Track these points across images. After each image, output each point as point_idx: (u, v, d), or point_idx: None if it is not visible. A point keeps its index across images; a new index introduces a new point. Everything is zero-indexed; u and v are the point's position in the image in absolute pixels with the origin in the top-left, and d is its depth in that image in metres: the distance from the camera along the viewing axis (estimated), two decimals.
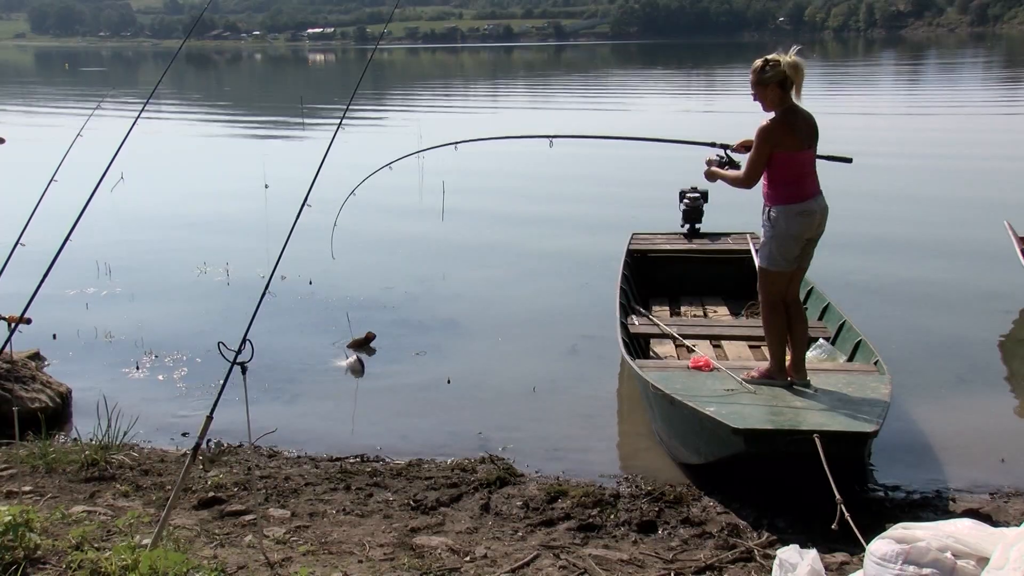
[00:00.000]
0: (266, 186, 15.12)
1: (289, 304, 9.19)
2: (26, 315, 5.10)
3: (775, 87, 5.18)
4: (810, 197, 5.28)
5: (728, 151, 5.80)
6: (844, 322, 6.70)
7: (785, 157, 5.20)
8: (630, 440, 6.31)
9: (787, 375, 5.45)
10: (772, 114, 5.25)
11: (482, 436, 6.24)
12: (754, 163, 5.26)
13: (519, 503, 4.95)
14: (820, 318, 7.04)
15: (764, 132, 5.21)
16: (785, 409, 5.09)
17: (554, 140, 6.97)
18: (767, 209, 5.32)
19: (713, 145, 5.85)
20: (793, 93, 5.21)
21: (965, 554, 3.03)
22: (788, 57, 5.17)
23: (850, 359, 6.24)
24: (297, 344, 8.12)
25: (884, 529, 3.24)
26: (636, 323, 7.12)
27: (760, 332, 6.84)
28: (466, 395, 7.07)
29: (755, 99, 5.31)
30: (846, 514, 3.99)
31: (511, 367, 7.60)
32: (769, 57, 5.21)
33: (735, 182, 5.50)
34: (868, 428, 4.70)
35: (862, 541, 3.57)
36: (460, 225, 12.89)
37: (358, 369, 7.36)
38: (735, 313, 8.02)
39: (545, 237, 12.27)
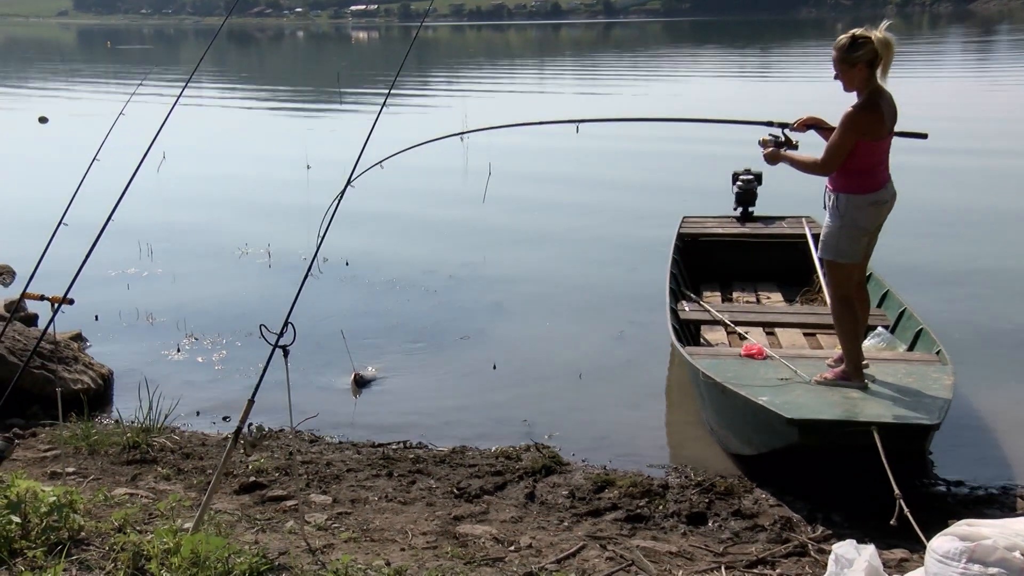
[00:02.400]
0: (308, 167, 15.23)
1: (332, 287, 9.26)
2: (68, 295, 5.17)
3: (863, 67, 4.88)
4: (882, 186, 5.06)
5: (785, 130, 5.57)
6: (904, 310, 6.58)
7: (868, 146, 4.95)
8: (679, 429, 6.28)
9: (863, 377, 5.21)
10: (854, 95, 4.99)
11: (527, 423, 6.24)
12: (837, 149, 4.96)
13: (565, 492, 4.95)
14: (879, 305, 6.92)
15: (853, 119, 4.92)
16: (842, 399, 5.02)
17: (589, 124, 6.53)
18: (834, 197, 5.08)
19: (770, 124, 5.63)
20: (879, 73, 4.93)
21: None
22: (879, 33, 4.87)
23: (910, 348, 6.13)
24: (340, 327, 8.16)
25: (946, 526, 3.19)
26: (687, 309, 7.08)
27: (815, 319, 6.82)
28: (511, 381, 7.07)
29: (836, 78, 5.00)
30: (905, 509, 3.92)
31: (557, 353, 7.59)
32: (857, 33, 4.90)
33: (811, 168, 5.17)
34: (929, 420, 4.62)
35: (922, 538, 3.52)
36: (505, 207, 12.86)
37: (356, 391, 7.10)
38: (789, 300, 7.93)
39: (593, 220, 12.22)
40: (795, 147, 5.44)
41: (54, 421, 5.72)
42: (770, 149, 5.45)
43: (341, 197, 4.60)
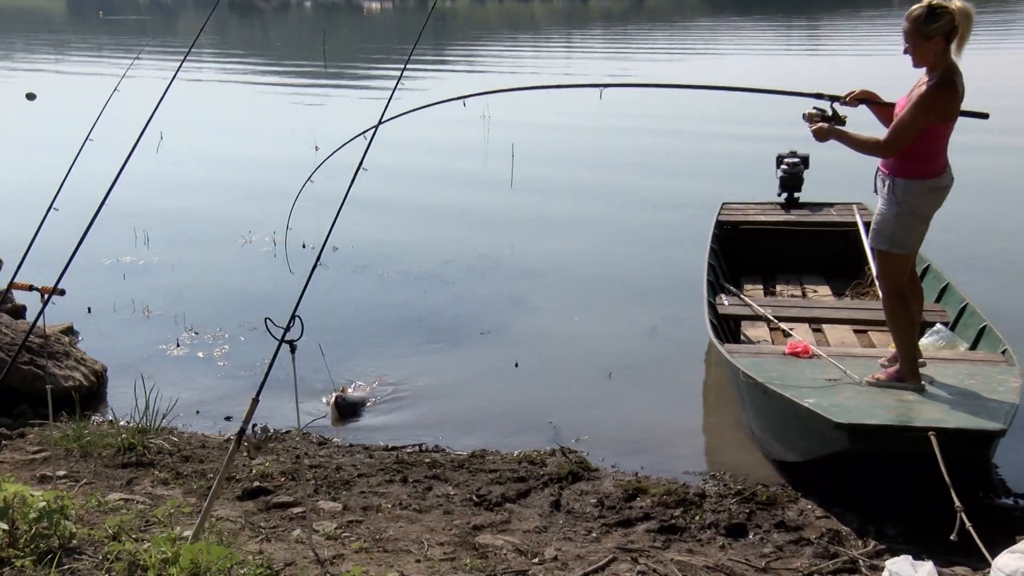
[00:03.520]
0: (316, 148, 15.26)
1: (342, 278, 9.29)
2: (59, 286, 5.21)
3: (940, 40, 4.80)
4: (943, 170, 5.02)
5: (835, 104, 5.48)
6: (966, 305, 6.53)
7: (938, 128, 4.91)
8: (717, 433, 6.27)
9: (920, 378, 5.17)
10: (921, 71, 4.93)
11: (552, 426, 6.25)
12: (908, 130, 4.88)
13: (593, 501, 4.95)
14: (938, 300, 6.88)
15: (931, 99, 4.83)
16: (896, 402, 4.99)
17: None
18: (890, 181, 5.02)
19: (819, 96, 5.52)
20: (954, 47, 4.84)
21: None
22: (957, 2, 4.79)
23: (973, 347, 6.09)
24: (350, 322, 8.20)
25: (1013, 542, 3.17)
26: (726, 303, 7.05)
27: (866, 315, 6.79)
28: (535, 380, 7.08)
29: (906, 52, 4.92)
30: (967, 523, 3.89)
31: (585, 350, 7.59)
32: (935, 2, 4.80)
33: (871, 148, 5.08)
34: (994, 426, 4.58)
35: (987, 555, 3.50)
36: (529, 193, 12.87)
37: (336, 418, 6.68)
38: (838, 293, 7.90)
39: (624, 207, 12.18)
40: (843, 123, 5.34)
41: (44, 421, 5.76)
42: (819, 124, 5.31)
43: (352, 182, 4.59)
